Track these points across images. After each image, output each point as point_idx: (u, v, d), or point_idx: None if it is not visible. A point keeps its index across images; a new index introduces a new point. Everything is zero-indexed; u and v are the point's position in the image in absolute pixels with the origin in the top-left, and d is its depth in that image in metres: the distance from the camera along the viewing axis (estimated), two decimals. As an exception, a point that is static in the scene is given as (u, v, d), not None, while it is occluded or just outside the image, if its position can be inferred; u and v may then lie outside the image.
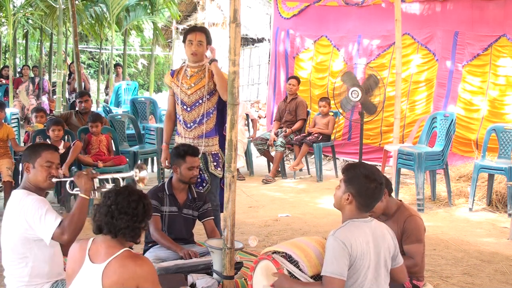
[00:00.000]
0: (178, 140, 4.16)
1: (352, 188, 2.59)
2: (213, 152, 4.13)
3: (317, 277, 2.71)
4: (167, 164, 4.18)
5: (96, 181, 2.91)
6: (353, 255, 2.46)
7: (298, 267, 2.70)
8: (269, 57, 10.46)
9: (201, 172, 4.06)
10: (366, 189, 2.56)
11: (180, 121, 4.13)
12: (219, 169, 4.13)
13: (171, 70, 4.33)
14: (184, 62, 4.23)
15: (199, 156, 3.88)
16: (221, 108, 4.13)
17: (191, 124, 4.06)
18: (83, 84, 9.76)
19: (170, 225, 3.79)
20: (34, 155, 2.84)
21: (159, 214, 3.73)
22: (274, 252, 2.82)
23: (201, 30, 4.13)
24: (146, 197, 2.43)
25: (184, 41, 4.11)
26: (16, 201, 2.75)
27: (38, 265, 2.73)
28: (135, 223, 2.33)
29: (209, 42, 4.11)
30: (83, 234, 2.91)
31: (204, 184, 4.12)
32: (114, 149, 6.23)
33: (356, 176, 2.61)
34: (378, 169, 2.73)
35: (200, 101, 4.05)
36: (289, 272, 2.72)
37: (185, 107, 4.07)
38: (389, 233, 2.68)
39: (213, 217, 3.91)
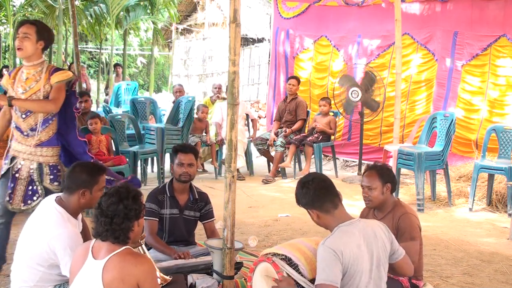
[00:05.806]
0: (16, 147, 3.58)
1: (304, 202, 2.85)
2: (51, 164, 3.59)
3: None
4: None
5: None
6: (345, 262, 2.42)
7: (297, 270, 2.68)
8: (269, 57, 10.45)
9: (34, 184, 3.55)
10: (305, 196, 2.80)
11: (15, 127, 3.60)
12: (55, 183, 3.57)
13: (10, 70, 3.83)
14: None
15: (188, 152, 3.67)
16: (64, 115, 3.64)
17: (28, 131, 3.55)
18: (84, 84, 9.77)
19: (171, 227, 3.75)
20: (93, 181, 2.81)
21: (156, 219, 3.66)
22: (274, 255, 2.79)
23: (32, 23, 3.57)
24: (130, 197, 2.34)
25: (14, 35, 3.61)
26: (51, 222, 2.71)
27: (48, 275, 2.73)
28: (113, 226, 2.29)
29: (43, 38, 3.53)
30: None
31: (35, 198, 3.52)
32: (114, 149, 6.24)
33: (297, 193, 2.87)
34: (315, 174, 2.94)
35: None
36: (289, 275, 2.70)
37: (19, 113, 3.56)
38: (382, 229, 2.63)
39: (214, 219, 3.89)
